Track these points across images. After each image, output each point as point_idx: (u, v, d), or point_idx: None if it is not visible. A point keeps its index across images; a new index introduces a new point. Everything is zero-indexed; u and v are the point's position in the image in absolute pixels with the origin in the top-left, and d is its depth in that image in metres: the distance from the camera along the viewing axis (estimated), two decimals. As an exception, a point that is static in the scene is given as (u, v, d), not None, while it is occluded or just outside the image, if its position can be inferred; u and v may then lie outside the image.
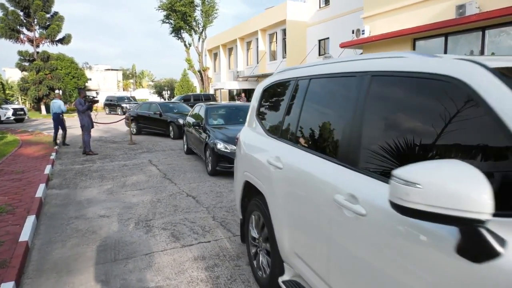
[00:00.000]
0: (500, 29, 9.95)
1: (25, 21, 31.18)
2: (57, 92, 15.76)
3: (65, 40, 33.04)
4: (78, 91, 10.66)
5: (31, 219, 4.47)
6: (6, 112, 23.25)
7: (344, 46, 14.87)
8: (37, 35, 31.94)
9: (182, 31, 33.14)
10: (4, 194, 5.71)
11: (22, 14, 30.88)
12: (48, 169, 7.61)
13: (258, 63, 28.05)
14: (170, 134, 13.50)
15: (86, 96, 10.64)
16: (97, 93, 15.00)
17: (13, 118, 23.42)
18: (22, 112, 24.37)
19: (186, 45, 33.98)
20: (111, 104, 32.22)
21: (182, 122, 12.35)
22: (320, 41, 22.89)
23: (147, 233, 4.29)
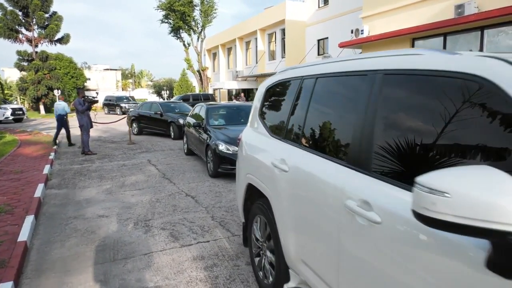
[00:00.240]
0: (498, 28, 9.97)
1: (23, 20, 31.17)
2: (59, 94, 15.70)
3: (63, 40, 33.05)
4: (77, 91, 10.66)
5: (30, 219, 4.47)
6: (5, 112, 23.22)
7: (343, 46, 14.88)
8: (35, 35, 31.92)
9: (181, 31, 33.19)
10: (3, 194, 5.71)
11: (20, 13, 30.88)
12: (47, 169, 7.60)
13: (257, 63, 28.05)
14: (171, 134, 13.38)
15: (85, 96, 10.63)
16: (97, 93, 14.86)
17: (11, 118, 23.39)
18: (21, 112, 24.32)
19: (185, 45, 34.03)
20: (110, 104, 32.21)
21: (182, 122, 12.23)
22: (319, 41, 22.90)
23: (146, 233, 4.29)
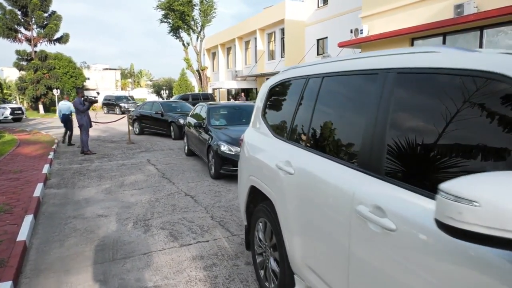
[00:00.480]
0: (498, 28, 9.98)
1: (22, 20, 31.15)
2: (62, 94, 15.75)
3: (63, 39, 33.02)
4: (76, 91, 10.65)
5: (29, 219, 4.46)
6: (4, 111, 23.20)
7: (342, 45, 14.88)
8: (35, 34, 31.90)
9: (181, 31, 33.16)
10: (2, 194, 5.70)
11: (19, 13, 30.86)
12: (46, 168, 7.59)
13: (256, 63, 28.05)
14: (171, 134, 13.26)
15: (84, 96, 10.63)
16: (97, 93, 14.77)
17: (11, 117, 23.38)
18: (20, 111, 24.30)
19: (184, 44, 34.00)
20: (110, 103, 32.19)
21: (182, 122, 12.11)
22: (318, 40, 22.91)
23: (146, 232, 4.29)
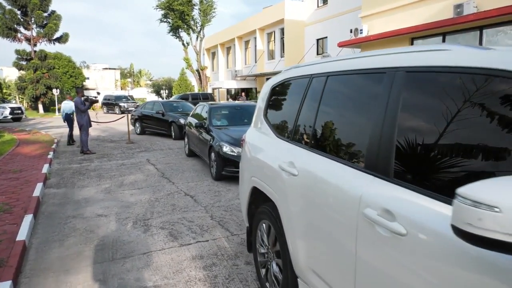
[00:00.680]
0: (497, 28, 9.99)
1: (22, 19, 31.15)
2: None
3: (62, 39, 33.03)
4: (76, 90, 10.66)
5: (29, 218, 4.46)
6: (4, 111, 23.21)
7: (342, 45, 14.89)
8: (34, 34, 31.90)
9: (180, 30, 33.15)
10: (1, 193, 5.69)
11: (19, 13, 30.87)
12: (45, 168, 7.59)
13: (256, 62, 28.05)
14: (172, 134, 13.16)
15: (84, 95, 10.64)
16: (98, 93, 14.79)
17: (10, 117, 23.38)
18: (20, 111, 24.30)
19: (184, 44, 33.97)
20: (109, 103, 32.17)
21: (183, 122, 12.00)
22: (318, 40, 22.92)
23: (145, 232, 4.29)
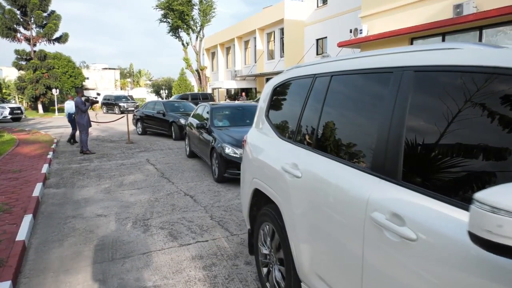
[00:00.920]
0: (497, 28, 9.99)
1: (22, 19, 31.13)
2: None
3: (62, 39, 33.01)
4: (76, 90, 10.66)
5: (28, 218, 4.45)
6: (3, 111, 23.18)
7: (342, 45, 14.89)
8: (34, 34, 31.88)
9: (180, 30, 33.12)
10: (1, 193, 5.69)
11: (19, 12, 30.85)
12: (45, 168, 7.58)
13: (256, 62, 28.05)
14: (172, 134, 13.07)
15: (84, 95, 10.64)
16: (98, 94, 14.72)
17: (10, 117, 23.36)
18: (19, 111, 24.28)
19: (183, 44, 33.95)
20: (109, 103, 32.14)
21: (183, 122, 11.89)
22: (318, 40, 22.93)
23: (145, 232, 4.29)
